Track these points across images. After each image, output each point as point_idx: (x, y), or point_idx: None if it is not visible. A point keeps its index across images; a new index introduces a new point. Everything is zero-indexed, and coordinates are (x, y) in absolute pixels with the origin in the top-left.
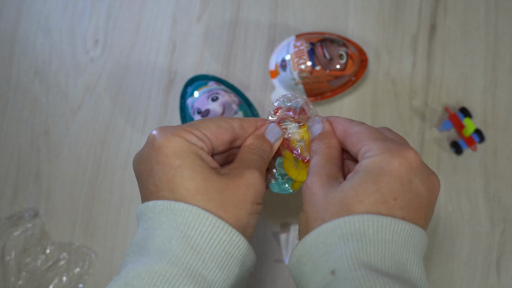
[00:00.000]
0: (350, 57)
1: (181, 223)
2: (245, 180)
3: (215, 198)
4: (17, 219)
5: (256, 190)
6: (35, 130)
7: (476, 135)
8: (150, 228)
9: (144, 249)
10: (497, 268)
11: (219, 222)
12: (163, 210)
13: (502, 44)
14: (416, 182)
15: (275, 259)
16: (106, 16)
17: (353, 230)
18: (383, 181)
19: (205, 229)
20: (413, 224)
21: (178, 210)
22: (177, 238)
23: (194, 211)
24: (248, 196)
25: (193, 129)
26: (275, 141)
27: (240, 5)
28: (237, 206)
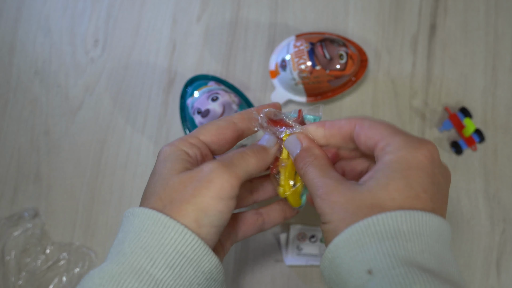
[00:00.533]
0: (350, 57)
1: (137, 225)
2: (201, 174)
3: (166, 196)
4: (17, 219)
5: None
6: (35, 130)
7: (476, 135)
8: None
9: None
10: (497, 268)
11: (170, 221)
12: (128, 216)
13: (502, 44)
14: (438, 174)
15: (275, 259)
16: (106, 16)
17: (387, 228)
18: (412, 176)
19: (156, 229)
20: (441, 216)
21: (136, 214)
22: (130, 239)
23: (146, 213)
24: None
25: (190, 137)
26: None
27: (240, 5)
28: (184, 201)
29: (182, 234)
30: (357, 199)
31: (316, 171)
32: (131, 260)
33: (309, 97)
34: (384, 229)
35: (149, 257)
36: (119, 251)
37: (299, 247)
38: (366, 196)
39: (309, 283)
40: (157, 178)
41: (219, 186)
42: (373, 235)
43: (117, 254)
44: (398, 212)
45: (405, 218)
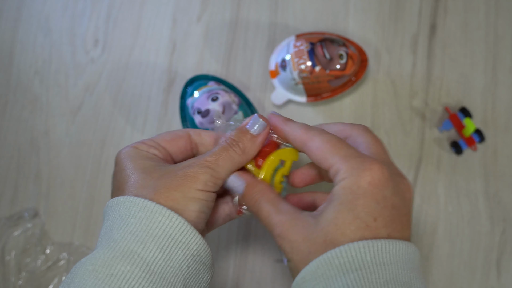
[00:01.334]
0: (350, 57)
1: (123, 213)
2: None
3: (149, 184)
4: (17, 219)
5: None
6: (35, 130)
7: (476, 135)
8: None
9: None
10: (497, 268)
11: (156, 206)
12: (112, 205)
13: (502, 44)
14: (389, 196)
15: (275, 259)
16: (106, 16)
17: (350, 259)
18: (358, 206)
19: (143, 215)
20: (403, 240)
21: (121, 203)
22: (118, 226)
23: (132, 200)
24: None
25: (147, 140)
26: (259, 132)
27: (240, 5)
28: (171, 189)
29: (169, 218)
30: (311, 237)
31: (268, 208)
32: (121, 245)
33: (309, 97)
34: (348, 261)
35: (139, 241)
36: (108, 239)
37: None
38: (319, 233)
39: None
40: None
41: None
42: (337, 267)
43: (107, 241)
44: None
45: (368, 249)
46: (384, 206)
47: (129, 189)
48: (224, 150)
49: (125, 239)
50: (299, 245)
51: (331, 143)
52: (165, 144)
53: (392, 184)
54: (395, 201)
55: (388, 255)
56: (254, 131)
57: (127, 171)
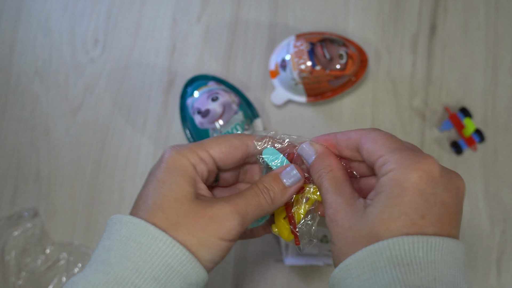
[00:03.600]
0: (350, 57)
1: (124, 234)
2: (212, 211)
3: (171, 218)
4: (17, 219)
5: (220, 224)
6: (35, 130)
7: (476, 135)
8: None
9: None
10: (497, 268)
11: (160, 233)
12: (115, 222)
13: (502, 44)
14: (440, 193)
15: (275, 259)
16: (106, 16)
17: (402, 253)
18: (405, 202)
19: (144, 240)
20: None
21: (125, 222)
22: (116, 248)
23: (137, 223)
24: (208, 227)
25: (200, 150)
26: (292, 185)
27: (240, 5)
28: (191, 231)
29: (170, 246)
30: (356, 229)
31: (330, 186)
32: (116, 270)
33: (309, 97)
34: (399, 254)
35: (134, 268)
36: (104, 260)
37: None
38: (365, 225)
39: (309, 283)
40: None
41: (227, 230)
42: (388, 259)
43: (102, 263)
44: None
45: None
46: (433, 203)
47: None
48: (255, 196)
49: (120, 264)
50: (345, 232)
51: (386, 135)
52: (219, 157)
53: (445, 180)
54: (445, 198)
55: (439, 253)
56: (286, 181)
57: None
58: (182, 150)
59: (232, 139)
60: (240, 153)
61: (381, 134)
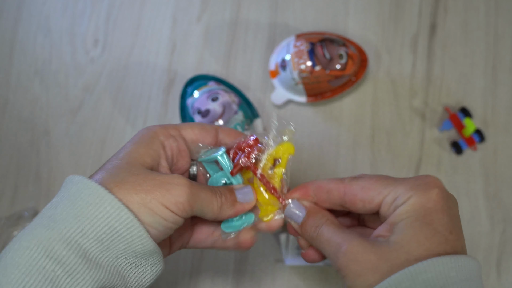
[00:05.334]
0: (350, 57)
1: (73, 193)
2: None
3: (118, 177)
4: (17, 219)
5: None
6: (35, 130)
7: (476, 135)
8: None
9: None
10: (497, 268)
11: (107, 195)
12: (67, 182)
13: (502, 44)
14: (452, 206)
15: (275, 259)
16: (106, 16)
17: (437, 275)
18: (434, 220)
19: (92, 200)
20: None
21: (75, 182)
22: (63, 205)
23: (85, 182)
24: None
25: (171, 128)
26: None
27: (240, 5)
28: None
29: (118, 211)
30: (390, 257)
31: (333, 229)
32: (61, 227)
33: (309, 97)
34: (434, 276)
35: (80, 227)
36: (50, 216)
37: (299, 247)
38: (398, 252)
39: (309, 283)
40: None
41: (173, 198)
42: (424, 282)
43: (47, 218)
44: (446, 258)
45: (453, 264)
46: (452, 217)
47: (101, 172)
48: (210, 191)
49: (66, 221)
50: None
51: (376, 178)
52: (190, 138)
53: (451, 198)
54: (455, 211)
55: (469, 271)
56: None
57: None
58: (155, 127)
59: (205, 125)
60: (210, 137)
61: (367, 179)
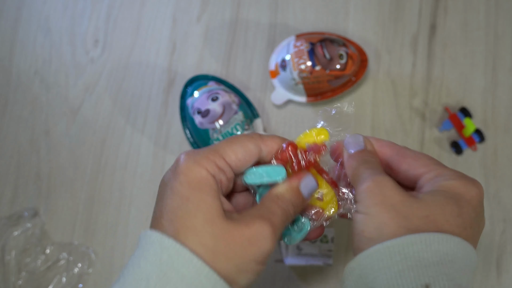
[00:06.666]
0: (350, 57)
1: (165, 261)
2: (250, 233)
3: (207, 242)
4: (17, 219)
5: (259, 247)
6: (35, 130)
7: (476, 135)
8: (137, 258)
9: (124, 278)
10: (497, 268)
11: (204, 267)
12: (153, 242)
13: (502, 44)
14: (481, 215)
15: (275, 259)
16: (106, 16)
17: (449, 250)
18: (464, 207)
19: (187, 273)
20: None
21: (165, 247)
22: (156, 276)
23: (180, 251)
24: (246, 252)
25: (217, 158)
26: (309, 195)
27: (240, 5)
28: (229, 258)
29: (212, 282)
30: (413, 206)
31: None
32: None
33: (309, 97)
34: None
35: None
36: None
37: (299, 247)
38: (422, 207)
39: (309, 283)
40: (192, 209)
41: (264, 253)
42: (435, 252)
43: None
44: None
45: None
46: (478, 221)
47: (182, 233)
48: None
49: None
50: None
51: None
52: (235, 165)
53: (483, 206)
54: (481, 222)
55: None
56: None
57: (187, 206)
58: (200, 160)
59: (247, 143)
60: (254, 158)
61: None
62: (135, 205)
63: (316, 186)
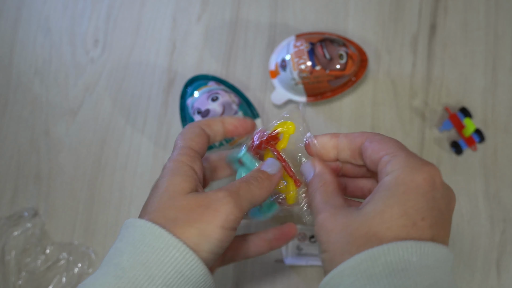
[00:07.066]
0: (350, 57)
1: (137, 238)
2: (209, 200)
3: (169, 214)
4: (17, 219)
5: (218, 211)
6: (35, 130)
7: (476, 135)
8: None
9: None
10: (497, 268)
11: (173, 239)
12: (128, 226)
13: (502, 44)
14: (439, 198)
15: (275, 259)
16: (106, 16)
17: (397, 259)
18: (409, 201)
19: (158, 245)
20: (444, 245)
21: (138, 225)
22: (129, 252)
23: (149, 227)
24: (205, 216)
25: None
26: (275, 172)
27: (240, 5)
28: (189, 223)
29: (183, 254)
30: (353, 228)
31: (321, 197)
32: (129, 275)
33: (309, 97)
34: (394, 260)
35: (147, 274)
36: (117, 264)
37: (299, 247)
38: (361, 224)
39: (309, 283)
40: (162, 193)
41: (224, 216)
42: (384, 265)
43: (114, 266)
44: (408, 242)
45: (415, 250)
46: (433, 207)
47: (151, 214)
48: (244, 182)
49: (133, 269)
50: (336, 235)
51: (393, 139)
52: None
53: (443, 189)
54: (442, 205)
55: (433, 259)
56: (270, 170)
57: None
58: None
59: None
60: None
61: (387, 137)
62: (135, 205)
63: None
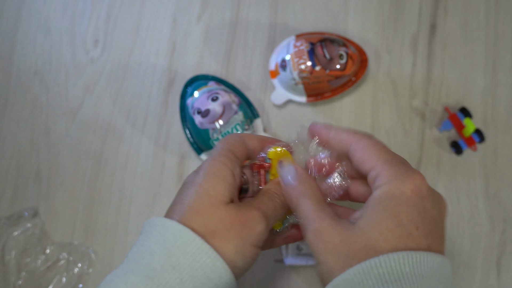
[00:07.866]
0: (350, 57)
1: (168, 239)
2: (245, 218)
3: (209, 224)
4: (17, 219)
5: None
6: (35, 130)
7: (476, 135)
8: (140, 241)
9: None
10: (497, 268)
11: (205, 245)
12: (156, 225)
13: (502, 44)
14: (429, 208)
15: (275, 259)
16: (106, 16)
17: (389, 270)
18: (402, 213)
19: (189, 250)
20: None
21: (168, 227)
22: (160, 253)
23: (182, 230)
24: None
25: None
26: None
27: (240, 5)
28: (228, 239)
29: (214, 260)
30: (351, 241)
31: (312, 204)
32: (161, 277)
33: (309, 97)
34: (387, 271)
35: (178, 277)
36: (147, 264)
37: (299, 247)
38: (359, 238)
39: (309, 283)
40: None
41: (258, 237)
42: (376, 277)
43: (145, 266)
44: (400, 253)
45: (407, 260)
46: (425, 216)
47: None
48: (271, 200)
49: (165, 271)
50: (336, 247)
51: (377, 146)
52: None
53: (431, 196)
54: (433, 213)
55: (426, 268)
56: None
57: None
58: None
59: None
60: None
61: (371, 143)
62: (135, 205)
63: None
